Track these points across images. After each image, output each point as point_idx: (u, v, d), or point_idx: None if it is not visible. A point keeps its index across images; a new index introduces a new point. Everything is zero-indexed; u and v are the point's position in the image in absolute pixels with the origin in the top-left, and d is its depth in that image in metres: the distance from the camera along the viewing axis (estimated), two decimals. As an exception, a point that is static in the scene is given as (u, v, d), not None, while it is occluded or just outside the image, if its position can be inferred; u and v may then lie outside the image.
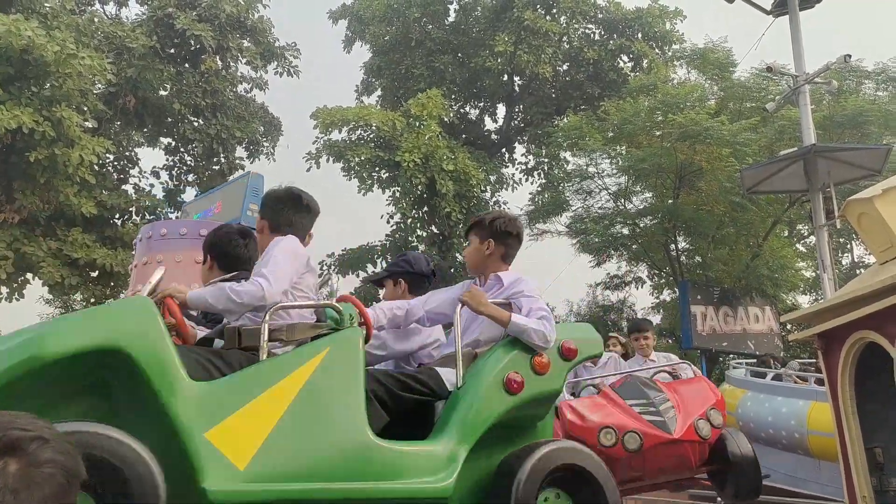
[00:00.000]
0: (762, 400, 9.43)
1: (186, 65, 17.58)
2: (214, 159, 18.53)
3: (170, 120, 17.89)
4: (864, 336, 5.41)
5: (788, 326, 16.27)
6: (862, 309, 5.22)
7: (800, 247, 19.66)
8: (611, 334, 6.16)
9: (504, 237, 3.22)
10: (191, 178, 19.08)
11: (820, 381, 7.91)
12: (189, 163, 19.10)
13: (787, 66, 12.01)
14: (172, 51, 17.26)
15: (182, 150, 18.86)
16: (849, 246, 20.95)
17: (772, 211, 16.19)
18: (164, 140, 18.97)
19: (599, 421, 4.18)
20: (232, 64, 18.50)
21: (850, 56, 10.30)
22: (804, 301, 19.91)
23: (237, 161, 19.11)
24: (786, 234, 19.02)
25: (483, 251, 3.20)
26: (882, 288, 5.01)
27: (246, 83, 19.52)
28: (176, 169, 19.13)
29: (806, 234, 19.05)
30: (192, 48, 17.09)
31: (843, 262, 20.91)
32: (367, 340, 2.73)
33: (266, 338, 2.38)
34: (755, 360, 11.78)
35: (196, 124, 17.90)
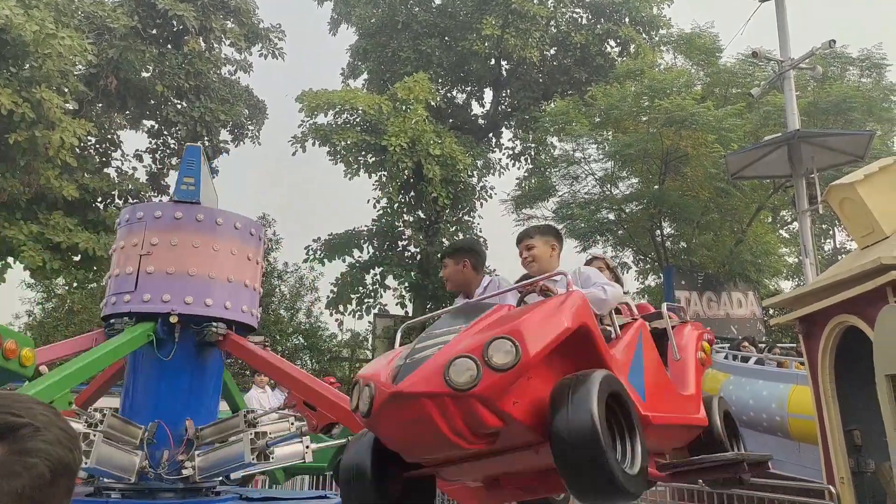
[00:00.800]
0: (743, 383, 9.55)
1: (169, 46, 17.30)
2: (198, 142, 18.31)
3: (152, 102, 17.63)
4: (845, 320, 5.48)
5: (771, 311, 16.47)
6: (842, 293, 5.29)
7: (783, 233, 19.86)
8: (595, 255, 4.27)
9: None
10: (174, 161, 18.85)
11: (801, 365, 8.03)
12: (172, 146, 18.87)
13: (773, 51, 12.06)
14: (154, 31, 16.98)
15: (165, 132, 18.63)
16: (831, 232, 21.19)
17: (756, 197, 16.33)
18: (147, 123, 18.72)
19: (364, 372, 2.74)
20: (215, 45, 18.24)
21: (834, 41, 10.35)
22: (787, 286, 20.15)
23: (222, 144, 18.90)
24: (770, 220, 19.19)
25: None
26: (862, 272, 5.07)
27: (230, 65, 19.27)
28: (159, 152, 18.90)
29: (789, 220, 19.23)
30: (175, 29, 16.82)
31: (825, 249, 21.16)
32: None
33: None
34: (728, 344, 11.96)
35: (179, 107, 17.67)
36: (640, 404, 2.68)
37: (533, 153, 21.35)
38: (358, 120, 18.02)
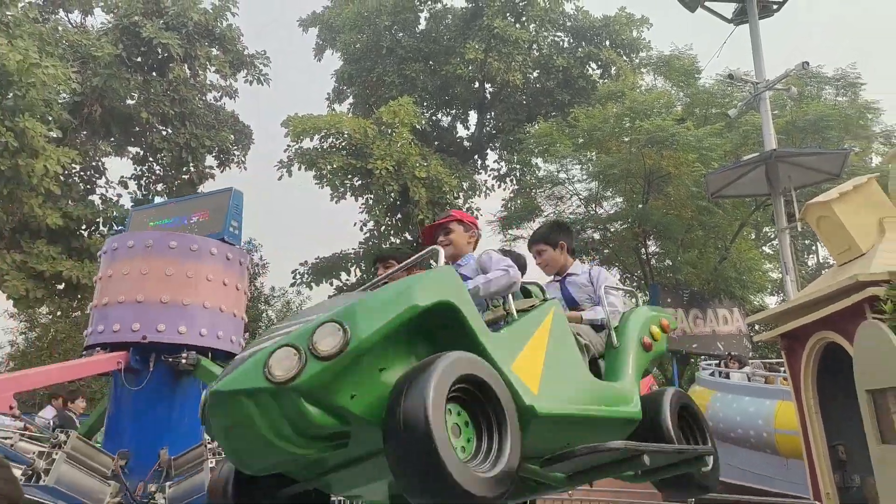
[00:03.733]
0: (730, 400, 9.60)
1: (154, 73, 17.37)
2: (184, 168, 18.31)
3: (137, 129, 17.64)
4: (825, 336, 5.56)
5: (756, 327, 16.59)
6: (822, 310, 5.38)
7: (766, 249, 20.06)
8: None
9: None
10: (160, 187, 18.84)
11: (786, 381, 8.09)
12: (158, 172, 18.85)
13: (750, 72, 12.31)
14: (139, 59, 17.05)
15: (150, 159, 18.62)
16: (814, 247, 21.43)
17: (738, 214, 16.53)
18: (132, 149, 18.70)
19: None
20: (200, 72, 18.32)
21: (808, 63, 10.61)
22: (771, 302, 20.33)
23: (207, 170, 18.91)
24: (753, 236, 19.40)
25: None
26: (840, 289, 5.17)
27: (215, 91, 19.35)
28: (144, 179, 18.88)
29: (772, 236, 19.45)
30: (160, 56, 16.90)
31: (809, 264, 21.38)
32: None
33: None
34: (716, 362, 12.04)
35: (164, 133, 17.69)
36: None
37: (518, 174, 21.53)
38: (344, 144, 18.10)
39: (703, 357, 15.54)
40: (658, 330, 3.49)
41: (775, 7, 11.70)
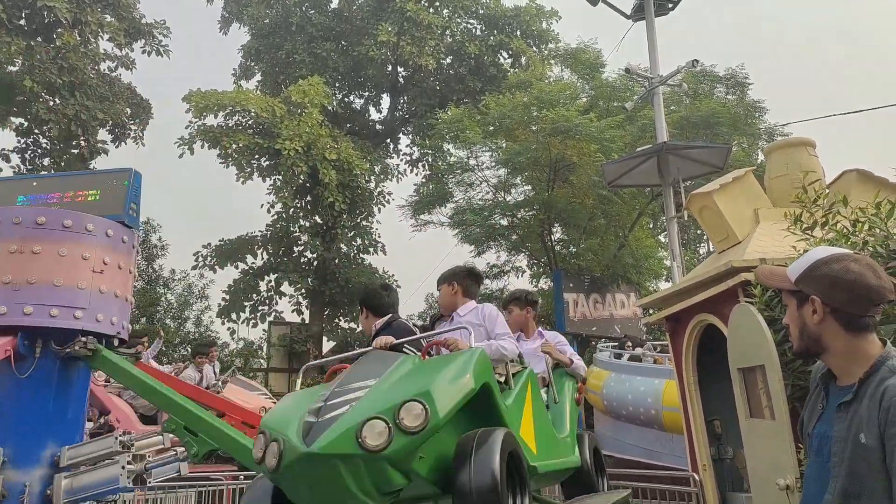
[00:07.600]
0: (623, 380, 10.13)
1: (39, 38, 16.09)
2: (73, 142, 17.14)
3: (21, 98, 16.32)
4: (704, 318, 5.95)
5: (651, 311, 17.51)
6: (701, 294, 5.75)
7: (662, 238, 21.16)
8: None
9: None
10: (46, 161, 17.56)
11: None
12: (44, 145, 17.56)
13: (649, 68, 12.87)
14: (21, 22, 15.75)
15: (36, 131, 17.30)
16: (705, 237, 22.78)
17: (636, 204, 17.33)
18: (15, 120, 17.30)
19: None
20: (92, 40, 17.14)
21: (698, 60, 11.26)
22: (664, 287, 21.45)
23: (100, 144, 17.79)
24: (651, 225, 20.40)
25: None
26: (717, 275, 5.54)
27: (110, 61, 18.20)
28: (29, 152, 17.53)
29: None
30: (45, 21, 15.67)
31: (701, 252, 22.74)
32: None
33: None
34: (615, 344, 12.68)
35: (51, 104, 16.45)
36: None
37: (430, 160, 21.60)
38: (250, 122, 17.52)
39: (603, 339, 16.29)
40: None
41: (670, 6, 12.31)
